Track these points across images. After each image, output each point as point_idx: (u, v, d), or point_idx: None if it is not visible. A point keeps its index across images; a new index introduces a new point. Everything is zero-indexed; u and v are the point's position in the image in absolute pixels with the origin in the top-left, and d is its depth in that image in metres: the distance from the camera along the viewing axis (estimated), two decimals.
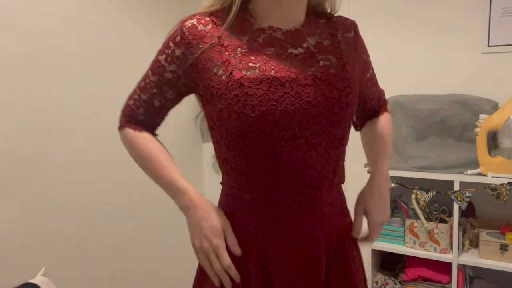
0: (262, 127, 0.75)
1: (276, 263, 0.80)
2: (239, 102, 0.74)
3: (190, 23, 0.81)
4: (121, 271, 2.13)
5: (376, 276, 2.10)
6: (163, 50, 0.85)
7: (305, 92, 0.76)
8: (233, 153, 0.79)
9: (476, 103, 1.90)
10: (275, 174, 0.78)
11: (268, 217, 0.80)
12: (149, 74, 0.87)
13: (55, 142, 1.78)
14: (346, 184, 2.71)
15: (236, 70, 0.76)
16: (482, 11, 1.97)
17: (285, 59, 0.79)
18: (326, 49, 0.84)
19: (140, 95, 0.87)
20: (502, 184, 1.72)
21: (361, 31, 0.96)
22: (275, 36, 0.81)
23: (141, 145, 0.87)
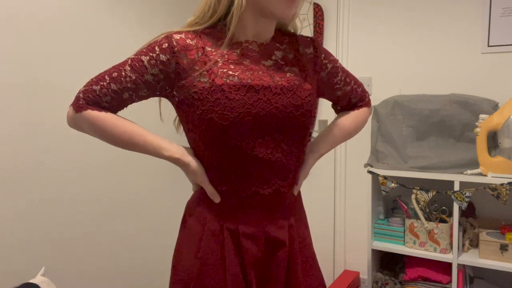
0: (239, 126, 0.88)
1: (247, 244, 0.93)
2: (220, 104, 0.87)
3: (178, 36, 0.92)
4: (121, 271, 2.13)
5: (376, 276, 2.10)
6: (146, 52, 0.92)
7: (274, 99, 0.91)
8: (211, 150, 0.91)
9: (476, 103, 1.90)
10: (248, 167, 0.91)
11: (240, 204, 0.93)
12: (126, 69, 0.92)
13: (55, 142, 1.78)
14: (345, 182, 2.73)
15: (218, 77, 0.88)
16: (482, 11, 1.97)
17: (259, 69, 0.93)
18: (291, 61, 0.99)
19: (111, 83, 0.92)
20: (502, 184, 1.72)
21: (361, 32, 1.00)
22: (250, 48, 0.95)
23: (115, 123, 0.93)
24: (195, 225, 0.96)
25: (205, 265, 0.92)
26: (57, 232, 1.80)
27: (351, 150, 2.35)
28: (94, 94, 0.92)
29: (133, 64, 0.92)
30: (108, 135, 0.93)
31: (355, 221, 2.35)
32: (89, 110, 0.92)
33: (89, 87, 0.93)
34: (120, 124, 0.93)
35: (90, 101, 0.92)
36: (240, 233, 0.93)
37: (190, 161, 0.94)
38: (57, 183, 1.79)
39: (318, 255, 2.51)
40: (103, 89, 0.92)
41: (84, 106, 0.92)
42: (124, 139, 0.94)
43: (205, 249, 0.93)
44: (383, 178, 1.96)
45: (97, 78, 0.93)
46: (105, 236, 2.03)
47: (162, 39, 0.92)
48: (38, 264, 1.63)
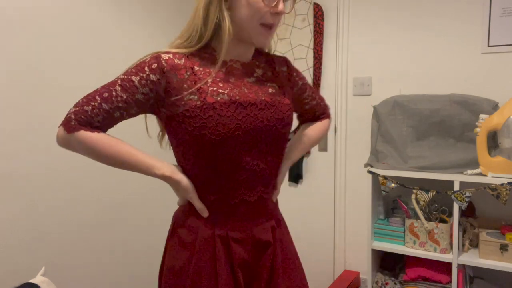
0: (229, 141, 0.94)
1: (236, 248, 0.99)
2: (212, 121, 0.93)
3: (167, 56, 0.96)
4: (121, 271, 2.13)
5: (376, 276, 2.10)
6: (136, 72, 0.95)
7: (260, 114, 0.98)
8: (201, 163, 0.97)
9: (476, 103, 1.90)
10: (236, 177, 0.98)
11: (229, 212, 1.00)
12: (117, 89, 0.94)
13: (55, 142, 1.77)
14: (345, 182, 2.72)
15: (209, 96, 0.94)
16: (482, 11, 1.97)
17: (244, 86, 1.00)
18: (270, 78, 1.07)
19: (102, 104, 0.94)
20: (502, 184, 1.72)
21: (361, 32, 1.02)
22: (235, 67, 1.02)
23: (108, 144, 0.96)
24: (187, 235, 1.01)
25: (199, 274, 0.97)
26: (57, 232, 1.80)
27: (351, 150, 2.35)
28: (86, 115, 0.93)
29: (123, 84, 0.94)
30: (101, 155, 0.96)
31: (355, 221, 2.35)
32: (82, 131, 0.93)
33: (80, 107, 0.94)
34: (113, 144, 0.96)
35: (82, 122, 0.93)
36: (229, 239, 0.99)
37: (181, 178, 0.99)
38: (57, 183, 1.79)
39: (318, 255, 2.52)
40: (94, 109, 0.93)
41: (76, 127, 0.93)
42: (117, 160, 0.96)
43: (198, 258, 0.98)
44: (383, 178, 1.96)
45: (87, 98, 0.94)
46: (105, 236, 2.03)
47: (151, 59, 0.95)
48: (38, 264, 1.64)
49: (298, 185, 2.51)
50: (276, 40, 2.45)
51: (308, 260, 2.52)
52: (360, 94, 2.29)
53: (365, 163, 2.16)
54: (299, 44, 2.38)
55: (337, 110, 2.36)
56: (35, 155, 1.70)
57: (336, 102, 2.36)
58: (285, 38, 2.43)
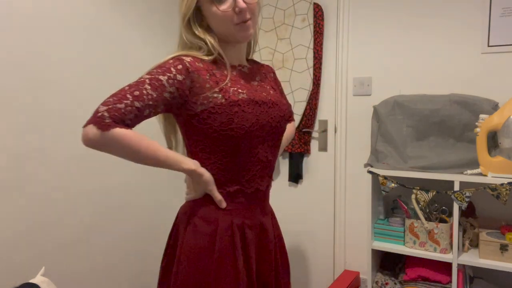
0: (250, 134, 1.06)
1: (249, 234, 1.12)
2: (238, 116, 1.04)
3: (189, 59, 1.05)
4: (121, 271, 2.13)
5: (376, 276, 2.10)
6: (163, 72, 1.01)
7: (269, 111, 1.12)
8: (223, 156, 1.07)
9: (476, 103, 1.90)
10: (253, 168, 1.11)
11: (246, 201, 1.12)
12: (147, 87, 0.99)
13: (55, 142, 1.78)
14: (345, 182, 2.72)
15: (232, 94, 1.05)
16: (482, 11, 1.97)
17: (252, 87, 1.14)
18: (266, 82, 1.23)
19: (134, 102, 0.97)
20: (502, 184, 1.72)
21: (361, 31, 1.06)
22: (243, 71, 1.16)
23: (140, 142, 0.99)
24: (203, 224, 1.08)
25: (223, 259, 1.06)
26: (57, 232, 1.80)
27: (351, 150, 2.35)
28: (120, 112, 0.95)
29: (152, 83, 0.99)
30: (135, 152, 0.99)
31: (355, 221, 2.35)
32: (117, 128, 0.95)
33: (112, 105, 0.95)
34: (145, 141, 1.00)
35: (117, 119, 0.95)
36: (245, 226, 1.11)
37: (204, 172, 1.07)
38: (57, 183, 1.79)
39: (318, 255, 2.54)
40: (127, 107, 0.96)
41: (112, 124, 0.94)
42: (149, 156, 1.01)
43: (220, 246, 1.06)
44: (383, 178, 1.96)
45: (118, 97, 0.97)
46: (105, 236, 2.03)
47: (175, 61, 1.03)
48: (38, 264, 1.64)
49: (298, 185, 2.51)
50: (276, 40, 2.45)
51: (308, 260, 2.53)
52: (360, 94, 2.29)
53: (365, 163, 2.16)
54: (299, 44, 2.38)
55: (337, 110, 2.36)
56: (35, 155, 1.70)
57: (336, 102, 2.36)
58: (285, 38, 2.43)
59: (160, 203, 2.36)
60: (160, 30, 2.29)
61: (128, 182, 2.14)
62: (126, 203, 2.14)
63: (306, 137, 2.42)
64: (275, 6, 2.45)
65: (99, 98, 1.99)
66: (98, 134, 0.94)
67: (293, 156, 2.46)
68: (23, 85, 1.65)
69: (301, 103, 2.38)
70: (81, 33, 1.87)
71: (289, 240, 2.55)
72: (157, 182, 2.30)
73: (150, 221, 2.30)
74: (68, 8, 1.81)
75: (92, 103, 1.92)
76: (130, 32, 2.12)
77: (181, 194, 1.35)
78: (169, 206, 2.44)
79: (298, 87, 2.39)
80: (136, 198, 2.21)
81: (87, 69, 1.90)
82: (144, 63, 2.22)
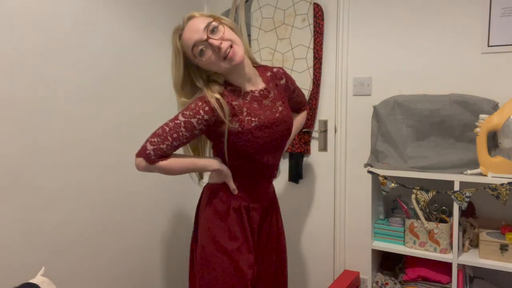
0: (260, 150, 1.45)
1: (254, 214, 1.53)
2: (250, 141, 1.41)
3: (213, 99, 1.36)
4: (121, 271, 2.13)
5: (376, 276, 2.10)
6: (193, 115, 1.35)
7: (277, 128, 1.47)
8: (240, 161, 1.48)
9: (476, 103, 1.90)
10: (260, 169, 1.52)
11: (253, 191, 1.53)
12: (182, 130, 1.34)
13: (55, 142, 1.78)
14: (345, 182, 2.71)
15: (246, 123, 1.40)
16: (482, 11, 1.97)
17: (263, 109, 1.46)
18: (277, 97, 1.53)
19: (173, 142, 1.34)
20: (502, 184, 1.72)
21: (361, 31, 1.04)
22: (255, 96, 1.46)
23: (178, 164, 1.41)
24: (219, 204, 1.48)
25: (234, 228, 1.47)
26: (57, 232, 1.80)
27: (351, 150, 2.35)
28: (162, 151, 1.34)
29: (186, 126, 1.34)
30: (174, 172, 1.42)
31: (355, 221, 2.35)
32: (160, 162, 1.36)
33: (157, 146, 1.33)
34: (180, 161, 1.42)
35: (159, 156, 1.34)
36: (250, 208, 1.52)
37: (224, 168, 1.47)
38: (57, 183, 1.79)
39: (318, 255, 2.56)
40: (168, 146, 1.34)
41: (156, 160, 1.35)
42: (185, 170, 1.45)
43: (231, 221, 1.46)
44: (383, 178, 1.96)
45: (161, 138, 1.33)
46: (105, 236, 2.03)
47: (203, 104, 1.35)
48: (38, 264, 1.63)
49: (298, 185, 2.51)
50: (276, 40, 2.45)
51: (308, 260, 2.52)
52: (360, 94, 2.29)
53: (365, 163, 2.16)
54: (299, 44, 2.38)
55: (337, 110, 2.36)
56: (35, 155, 1.70)
57: (336, 102, 2.36)
58: (285, 38, 2.43)
59: (161, 203, 2.36)
60: (161, 30, 2.29)
61: (129, 183, 2.14)
62: (127, 203, 2.14)
63: (306, 137, 2.42)
64: (275, 6, 2.45)
65: (100, 98, 2.00)
66: (146, 166, 1.35)
67: (293, 156, 2.46)
68: (23, 85, 1.65)
69: None
70: (81, 33, 1.87)
71: (289, 240, 2.55)
72: (158, 182, 2.30)
73: (151, 221, 2.30)
74: (68, 8, 1.81)
75: (93, 103, 1.92)
76: (131, 32, 2.12)
77: (182, 195, 1.56)
78: (170, 207, 2.44)
79: None
80: (137, 198, 2.20)
81: (87, 69, 1.90)
82: (145, 63, 2.23)
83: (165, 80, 2.31)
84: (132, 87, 2.14)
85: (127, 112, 2.11)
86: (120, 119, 2.07)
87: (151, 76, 2.25)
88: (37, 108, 1.70)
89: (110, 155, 2.02)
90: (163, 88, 2.23)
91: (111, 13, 2.01)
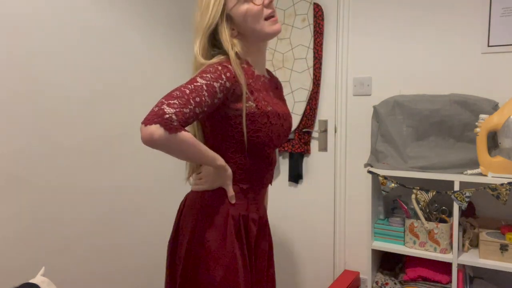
0: (271, 143, 1.21)
1: (251, 226, 1.25)
2: (266, 126, 1.17)
3: (231, 67, 1.12)
4: (121, 271, 2.13)
5: (376, 276, 2.10)
6: (216, 79, 1.07)
7: (285, 123, 1.26)
8: (245, 157, 1.20)
9: (476, 103, 1.90)
10: (265, 169, 1.26)
11: (254, 197, 1.26)
12: (205, 94, 1.04)
13: (55, 143, 1.78)
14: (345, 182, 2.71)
15: (263, 105, 1.17)
16: (482, 11, 1.97)
17: (272, 100, 1.25)
18: (278, 94, 1.34)
19: (196, 108, 1.02)
20: (502, 184, 1.72)
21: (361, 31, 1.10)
22: (266, 82, 1.27)
23: (196, 143, 1.07)
24: (215, 213, 1.19)
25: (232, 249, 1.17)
26: (57, 232, 1.80)
27: (351, 150, 2.35)
28: (186, 117, 1.00)
29: (208, 90, 1.05)
30: (191, 152, 1.07)
31: (355, 221, 2.35)
32: (183, 131, 1.00)
33: (179, 109, 0.99)
34: (198, 143, 1.08)
35: (183, 123, 1.00)
36: (249, 219, 1.24)
37: (228, 167, 1.19)
38: (57, 183, 1.79)
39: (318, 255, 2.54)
40: (191, 112, 1.01)
41: (179, 127, 0.99)
42: (199, 155, 1.10)
43: (230, 234, 1.17)
44: (383, 178, 1.96)
45: (183, 101, 1.01)
46: (105, 236, 2.03)
47: (223, 68, 1.10)
48: (38, 264, 1.63)
49: (298, 185, 2.51)
50: (276, 40, 2.45)
51: (308, 260, 2.52)
52: (360, 94, 2.29)
53: (365, 163, 2.16)
54: (299, 44, 2.38)
55: (337, 110, 2.36)
56: (35, 155, 1.70)
57: (336, 102, 2.36)
58: (285, 38, 2.43)
59: (163, 203, 2.36)
60: (162, 31, 2.29)
61: (130, 183, 2.14)
62: (127, 204, 2.14)
63: (306, 137, 2.42)
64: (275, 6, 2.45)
65: (100, 98, 1.99)
66: (164, 136, 0.96)
67: (293, 156, 2.46)
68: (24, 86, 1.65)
69: (301, 103, 2.38)
70: (81, 33, 1.87)
71: (289, 240, 2.55)
72: (158, 183, 2.30)
73: (152, 221, 2.30)
74: (68, 9, 1.81)
75: (93, 103, 1.92)
76: (131, 32, 2.12)
77: (182, 195, 1.38)
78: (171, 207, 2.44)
79: (298, 87, 2.39)
80: (138, 198, 2.20)
81: (87, 69, 1.90)
82: (145, 64, 2.23)
83: (171, 83, 2.30)
84: (137, 89, 2.14)
85: (128, 112, 2.11)
86: (122, 120, 2.07)
87: (156, 78, 2.24)
88: (38, 109, 1.70)
89: (111, 155, 2.02)
90: (168, 90, 2.23)
91: (116, 16, 2.01)
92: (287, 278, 2.56)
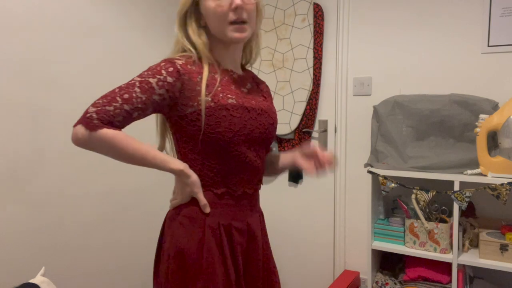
0: (238, 138, 1.07)
1: (237, 236, 1.11)
2: (225, 120, 1.05)
3: (181, 62, 1.06)
4: (121, 271, 2.13)
5: (376, 276, 2.10)
6: (153, 74, 1.02)
7: (259, 118, 1.13)
8: (211, 159, 1.08)
9: (476, 103, 1.90)
10: (241, 171, 1.11)
11: (233, 203, 1.12)
12: (136, 90, 1.01)
13: (55, 143, 1.78)
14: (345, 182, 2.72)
15: (221, 98, 1.06)
16: (482, 11, 1.97)
17: (242, 94, 1.14)
18: (257, 91, 1.22)
19: (123, 105, 0.99)
20: (502, 184, 1.72)
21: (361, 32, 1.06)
22: (234, 77, 1.15)
23: (127, 141, 1.01)
24: (191, 224, 1.08)
25: (212, 258, 1.06)
26: (57, 233, 1.80)
27: (351, 150, 2.35)
28: (108, 114, 0.98)
29: (141, 86, 1.01)
30: (121, 152, 1.01)
31: (355, 221, 2.35)
32: (105, 129, 0.97)
33: (101, 107, 0.98)
34: (132, 141, 1.01)
35: (104, 121, 0.97)
36: (232, 228, 1.11)
37: (192, 173, 1.07)
38: (57, 184, 1.79)
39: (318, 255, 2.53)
40: (116, 109, 0.98)
41: (99, 125, 0.97)
42: (136, 156, 1.03)
43: (208, 245, 1.06)
44: (383, 178, 1.96)
45: (108, 99, 0.99)
46: (105, 236, 2.03)
47: (167, 64, 1.04)
48: (38, 264, 1.63)
49: (298, 185, 2.51)
50: (276, 40, 2.45)
51: (308, 260, 2.52)
52: (360, 94, 2.29)
53: (365, 163, 2.16)
54: (299, 44, 2.38)
55: (337, 110, 2.36)
56: (35, 155, 1.70)
57: (336, 102, 2.36)
58: (285, 38, 2.43)
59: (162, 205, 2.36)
60: (162, 31, 2.29)
61: (130, 184, 2.14)
62: (127, 205, 2.14)
63: (306, 137, 2.42)
64: (275, 6, 2.45)
65: None
66: (86, 134, 0.97)
67: None
68: (24, 86, 1.65)
69: (301, 103, 2.38)
70: (81, 33, 1.87)
71: (289, 240, 2.55)
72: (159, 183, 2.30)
73: (152, 222, 2.30)
74: (68, 9, 1.81)
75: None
76: (131, 32, 2.12)
77: None
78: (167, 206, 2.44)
79: (298, 87, 2.39)
80: (138, 199, 2.20)
81: (87, 69, 1.90)
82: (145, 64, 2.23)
83: None
84: None
85: None
86: None
87: None
88: (41, 109, 1.70)
89: None
90: None
91: (114, 16, 2.01)
92: (287, 278, 2.56)
